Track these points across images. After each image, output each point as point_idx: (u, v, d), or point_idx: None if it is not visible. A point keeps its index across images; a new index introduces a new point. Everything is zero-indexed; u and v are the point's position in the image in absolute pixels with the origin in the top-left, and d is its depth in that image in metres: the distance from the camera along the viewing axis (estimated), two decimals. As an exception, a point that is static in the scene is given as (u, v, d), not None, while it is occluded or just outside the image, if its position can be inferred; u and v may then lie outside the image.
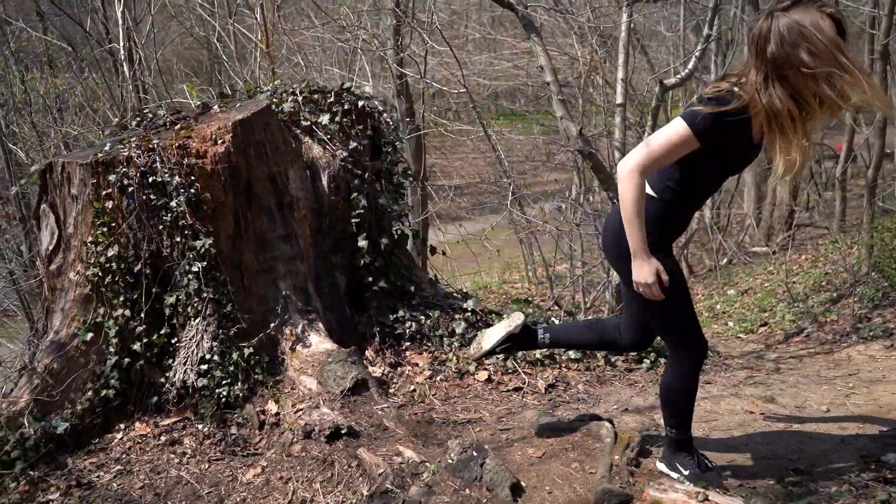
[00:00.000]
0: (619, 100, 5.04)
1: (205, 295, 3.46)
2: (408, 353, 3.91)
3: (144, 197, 3.45)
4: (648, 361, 3.96)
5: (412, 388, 3.65)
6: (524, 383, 3.71)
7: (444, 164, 13.13)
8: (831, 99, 2.13)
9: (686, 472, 2.65)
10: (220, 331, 3.48)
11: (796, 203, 11.64)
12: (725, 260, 10.88)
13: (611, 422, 3.09)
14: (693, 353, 2.61)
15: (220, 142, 3.55)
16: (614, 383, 3.77)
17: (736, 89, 2.23)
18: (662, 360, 3.99)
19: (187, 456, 3.21)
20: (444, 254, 4.69)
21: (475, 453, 2.80)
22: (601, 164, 4.58)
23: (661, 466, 2.77)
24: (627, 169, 2.33)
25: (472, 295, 4.33)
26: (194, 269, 3.45)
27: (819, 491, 2.58)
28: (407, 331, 3.96)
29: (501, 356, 3.82)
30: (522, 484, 2.75)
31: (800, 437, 3.09)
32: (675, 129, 2.28)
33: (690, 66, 4.74)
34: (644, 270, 2.40)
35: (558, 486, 2.75)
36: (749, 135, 2.28)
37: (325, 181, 3.94)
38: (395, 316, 3.99)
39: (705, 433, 3.18)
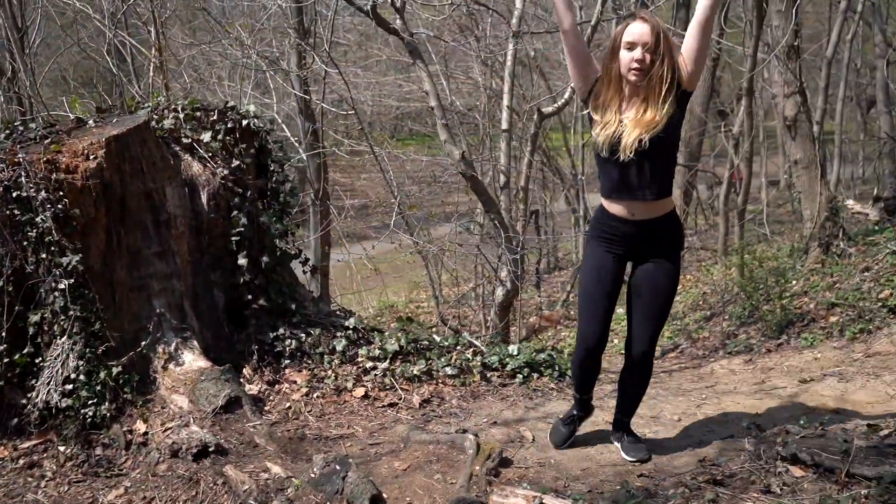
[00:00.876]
0: (504, 126, 5.27)
1: (72, 313, 3.39)
2: (287, 370, 3.93)
3: (8, 212, 3.35)
4: (521, 376, 4.13)
5: (288, 405, 3.68)
6: (400, 399, 3.80)
7: (350, 183, 13.17)
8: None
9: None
10: (88, 349, 3.41)
11: (686, 226, 12.29)
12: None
13: (476, 434, 3.22)
14: (579, 335, 3.12)
15: (92, 157, 3.50)
16: (487, 398, 3.91)
17: None
18: (535, 375, 4.17)
19: (46, 479, 3.12)
20: (325, 274, 4.72)
21: (338, 467, 2.87)
22: (483, 187, 4.77)
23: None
24: None
25: (355, 313, 4.40)
26: (61, 286, 3.38)
27: (658, 494, 2.78)
28: (287, 348, 3.98)
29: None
30: (384, 496, 2.83)
31: (651, 444, 3.30)
32: None
33: (567, 95, 5.03)
34: None
35: (419, 497, 2.85)
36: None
37: (204, 199, 3.94)
38: (275, 334, 4.01)
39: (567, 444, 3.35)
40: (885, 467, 2.54)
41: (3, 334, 3.33)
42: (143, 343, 3.56)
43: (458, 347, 4.39)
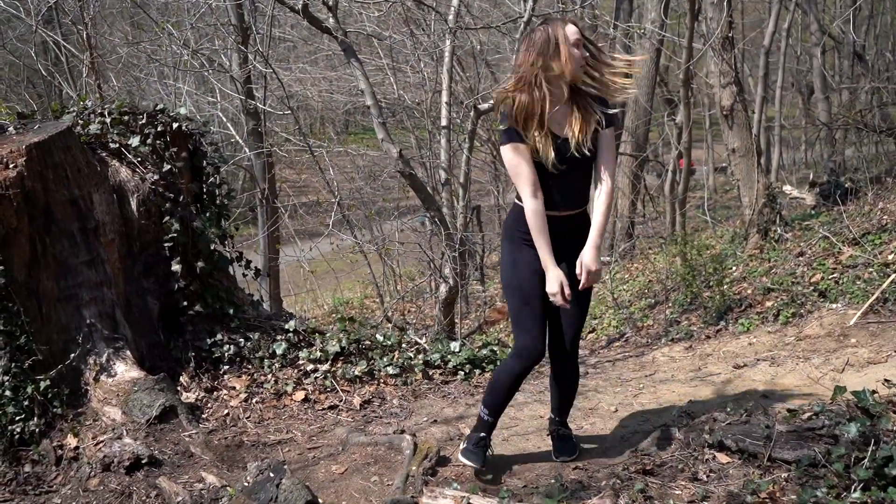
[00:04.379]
0: (443, 122, 5.28)
1: (-5, 327, 3.29)
2: (226, 376, 3.88)
3: (-77, 225, 3.24)
4: (463, 373, 4.15)
5: (226, 411, 3.63)
6: (341, 401, 3.79)
7: (301, 179, 13.03)
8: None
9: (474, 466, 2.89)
10: (13, 364, 3.32)
11: (636, 215, 12.46)
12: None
13: (414, 434, 3.23)
14: (516, 348, 2.80)
15: (11, 166, 3.39)
16: (429, 396, 3.92)
17: None
18: (477, 372, 4.19)
19: (-28, 499, 3.03)
20: (276, 274, 4.67)
21: (272, 474, 2.84)
22: (421, 184, 4.77)
23: (461, 457, 2.93)
24: None
25: (296, 315, 4.36)
26: (-18, 300, 3.27)
27: (591, 486, 2.83)
28: (225, 354, 3.93)
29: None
30: (319, 500, 2.81)
31: (587, 437, 3.35)
32: None
33: (502, 92, 5.04)
34: None
35: (355, 500, 2.84)
36: None
37: (134, 205, 3.85)
38: (212, 339, 3.95)
39: (504, 438, 3.38)
40: (803, 451, 2.63)
41: (-78, 352, 3.22)
42: (73, 355, 3.47)
43: (403, 346, 4.40)
